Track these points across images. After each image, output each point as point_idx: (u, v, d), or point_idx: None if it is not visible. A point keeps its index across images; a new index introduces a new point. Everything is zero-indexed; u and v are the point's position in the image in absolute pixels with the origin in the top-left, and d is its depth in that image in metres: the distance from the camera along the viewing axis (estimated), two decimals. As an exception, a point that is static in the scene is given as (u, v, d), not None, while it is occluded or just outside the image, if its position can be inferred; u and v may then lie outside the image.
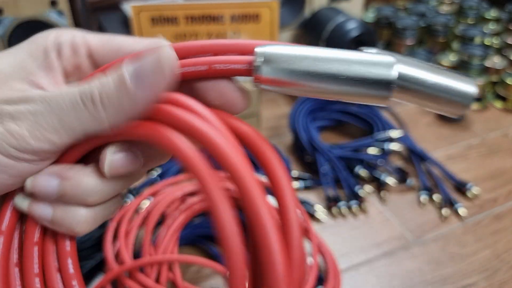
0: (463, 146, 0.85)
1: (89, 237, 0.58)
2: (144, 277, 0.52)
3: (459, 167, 0.79)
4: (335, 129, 0.89)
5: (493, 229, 0.67)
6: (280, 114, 0.95)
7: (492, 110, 0.97)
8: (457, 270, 0.60)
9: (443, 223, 0.68)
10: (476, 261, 0.62)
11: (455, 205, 0.69)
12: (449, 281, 0.59)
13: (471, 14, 1.24)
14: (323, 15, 0.94)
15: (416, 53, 1.13)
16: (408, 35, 1.16)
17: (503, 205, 0.71)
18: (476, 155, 0.83)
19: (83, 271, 0.56)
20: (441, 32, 1.16)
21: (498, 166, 0.80)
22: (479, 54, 0.99)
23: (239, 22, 0.77)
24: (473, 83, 0.21)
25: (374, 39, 0.89)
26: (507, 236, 0.65)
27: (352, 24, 0.87)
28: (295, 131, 0.79)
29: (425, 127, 0.91)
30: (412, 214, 0.69)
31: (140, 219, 0.59)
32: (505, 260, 0.62)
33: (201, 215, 0.64)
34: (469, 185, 0.73)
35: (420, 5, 1.30)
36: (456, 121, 0.92)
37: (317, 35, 0.92)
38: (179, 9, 0.74)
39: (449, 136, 0.88)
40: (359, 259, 0.62)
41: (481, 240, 0.65)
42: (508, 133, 0.89)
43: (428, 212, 0.70)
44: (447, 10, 1.27)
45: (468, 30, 1.12)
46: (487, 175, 0.77)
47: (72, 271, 0.24)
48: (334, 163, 0.74)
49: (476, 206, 0.71)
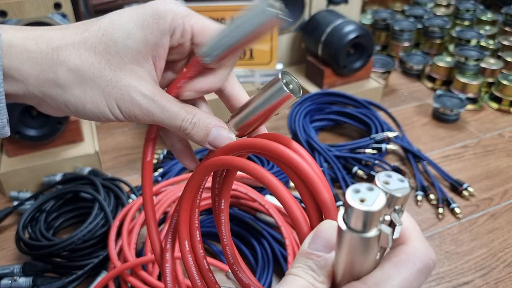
0: (459, 146, 0.86)
1: (93, 235, 0.59)
2: (146, 275, 0.53)
3: (455, 167, 0.80)
4: (333, 130, 0.91)
5: (489, 228, 0.68)
6: (279, 114, 0.96)
7: (487, 110, 0.98)
8: (454, 269, 0.61)
9: (439, 222, 0.69)
10: (472, 259, 0.63)
11: (451, 205, 0.70)
12: (446, 279, 0.60)
13: (467, 16, 1.25)
14: (321, 18, 0.95)
15: (413, 55, 1.14)
16: (405, 37, 1.17)
17: (499, 205, 0.72)
18: (472, 155, 0.84)
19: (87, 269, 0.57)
20: (437, 34, 1.17)
21: (494, 166, 0.81)
22: (475, 55, 1.00)
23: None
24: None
25: (371, 41, 0.90)
26: (503, 235, 0.66)
27: (350, 26, 0.88)
28: (293, 132, 0.81)
29: (422, 127, 0.92)
30: (409, 213, 0.70)
31: (142, 218, 0.60)
32: (501, 259, 0.63)
33: (202, 214, 0.65)
34: (465, 184, 0.74)
35: (416, 8, 1.32)
36: (452, 121, 0.93)
37: (316, 38, 0.93)
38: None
39: (445, 136, 0.89)
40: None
41: (477, 239, 0.66)
42: (503, 134, 0.90)
43: (425, 211, 0.71)
44: (443, 13, 1.29)
45: (464, 32, 1.13)
46: (483, 175, 0.79)
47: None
48: (332, 163, 0.75)
49: (472, 205, 0.72)
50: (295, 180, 0.28)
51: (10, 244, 0.65)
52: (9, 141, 0.71)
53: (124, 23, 0.30)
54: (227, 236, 0.35)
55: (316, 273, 0.24)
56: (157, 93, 0.31)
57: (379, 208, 0.20)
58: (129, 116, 0.31)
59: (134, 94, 0.30)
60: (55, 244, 0.56)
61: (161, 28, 0.30)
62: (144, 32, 0.30)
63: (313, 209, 0.27)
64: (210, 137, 0.32)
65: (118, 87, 0.30)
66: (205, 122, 0.32)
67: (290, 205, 0.27)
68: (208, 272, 0.35)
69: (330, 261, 0.24)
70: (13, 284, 0.55)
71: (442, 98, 0.95)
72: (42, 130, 0.70)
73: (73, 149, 0.74)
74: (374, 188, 0.21)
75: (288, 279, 0.24)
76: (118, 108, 0.31)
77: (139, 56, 0.30)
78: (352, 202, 0.20)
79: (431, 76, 1.08)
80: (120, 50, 0.30)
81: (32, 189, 0.73)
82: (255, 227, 0.61)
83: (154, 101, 0.31)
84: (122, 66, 0.30)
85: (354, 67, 0.92)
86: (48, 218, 0.64)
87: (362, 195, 0.21)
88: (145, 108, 0.30)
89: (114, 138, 0.87)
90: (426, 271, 0.24)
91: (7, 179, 0.71)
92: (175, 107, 0.31)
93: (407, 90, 1.06)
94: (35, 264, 0.57)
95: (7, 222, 0.69)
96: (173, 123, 0.31)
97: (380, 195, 0.21)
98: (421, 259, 0.24)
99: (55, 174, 0.72)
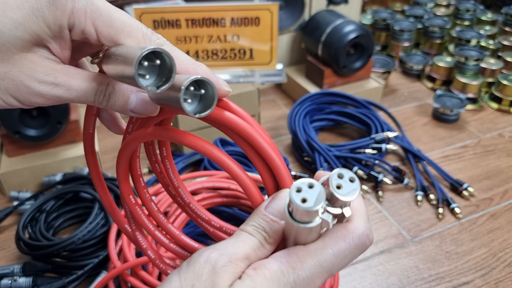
0: (459, 146, 0.86)
1: (93, 235, 0.59)
2: (146, 275, 0.53)
3: (455, 167, 0.80)
4: (333, 130, 0.91)
5: (489, 228, 0.68)
6: (279, 115, 0.96)
7: (487, 110, 0.98)
8: (454, 269, 0.61)
9: (439, 222, 0.69)
10: (472, 259, 0.63)
11: (451, 205, 0.70)
12: (446, 279, 0.60)
13: (467, 16, 1.25)
14: (321, 18, 0.95)
15: (413, 55, 1.14)
16: (405, 37, 1.17)
17: (499, 205, 0.72)
18: (472, 155, 0.84)
19: (87, 269, 0.57)
20: (437, 34, 1.17)
21: (494, 166, 0.81)
22: (475, 55, 1.00)
23: (239, 25, 0.78)
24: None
25: (371, 41, 0.90)
26: (503, 235, 0.66)
27: (350, 26, 0.88)
28: (294, 132, 0.81)
29: (422, 127, 0.92)
30: (408, 213, 0.70)
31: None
32: (501, 259, 0.63)
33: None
34: (465, 184, 0.74)
35: (416, 8, 1.32)
36: (452, 121, 0.93)
37: (316, 38, 0.93)
38: (181, 12, 0.75)
39: (445, 136, 0.89)
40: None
41: (477, 239, 0.66)
42: (503, 134, 0.90)
43: (425, 211, 0.71)
44: (443, 13, 1.29)
45: (464, 32, 1.13)
46: (483, 175, 0.79)
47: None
48: (332, 163, 0.75)
49: (472, 205, 0.72)
50: (244, 146, 0.29)
51: (10, 244, 0.65)
52: (9, 141, 0.71)
53: (12, 8, 0.26)
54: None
55: (268, 234, 0.28)
56: (58, 74, 0.28)
57: (319, 207, 0.24)
58: (31, 104, 0.29)
59: (29, 83, 0.27)
60: (55, 244, 0.56)
61: (58, 22, 0.27)
62: (38, 23, 0.27)
63: (268, 175, 0.29)
64: (131, 104, 0.29)
65: (9, 78, 0.27)
66: (121, 89, 0.29)
67: (235, 171, 0.28)
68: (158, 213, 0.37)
69: (282, 228, 0.28)
70: (13, 284, 0.55)
71: (442, 98, 0.95)
72: (42, 130, 0.70)
73: (73, 149, 0.74)
74: (315, 185, 0.25)
75: (243, 237, 0.27)
76: (15, 98, 0.28)
77: (31, 45, 0.27)
78: (294, 202, 0.24)
79: (431, 76, 1.08)
80: (6, 41, 0.26)
81: (32, 189, 0.73)
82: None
83: (56, 84, 0.28)
84: (10, 56, 0.27)
85: (354, 67, 0.92)
86: (48, 218, 0.64)
87: (304, 194, 0.24)
88: (48, 94, 0.28)
89: (114, 138, 0.87)
90: (361, 247, 0.28)
91: (7, 179, 0.71)
92: (84, 82, 0.28)
93: (407, 90, 1.06)
94: (35, 264, 0.57)
95: (7, 222, 0.69)
96: (85, 100, 0.29)
97: (320, 193, 0.24)
98: (359, 236, 0.27)
99: (55, 174, 0.72)
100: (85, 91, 0.28)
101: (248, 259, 0.27)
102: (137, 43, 0.28)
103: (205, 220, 0.36)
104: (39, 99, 0.28)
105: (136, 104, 0.28)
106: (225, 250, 0.26)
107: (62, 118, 0.70)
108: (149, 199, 0.36)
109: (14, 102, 0.28)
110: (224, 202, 0.63)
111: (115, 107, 0.29)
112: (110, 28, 0.28)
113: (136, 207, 0.36)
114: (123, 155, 0.33)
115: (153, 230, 0.36)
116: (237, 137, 0.29)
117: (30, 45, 0.27)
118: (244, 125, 0.28)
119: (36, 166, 0.72)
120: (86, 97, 0.28)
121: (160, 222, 0.37)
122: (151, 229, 0.36)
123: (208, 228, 0.36)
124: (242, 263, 0.26)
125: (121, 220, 0.38)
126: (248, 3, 0.78)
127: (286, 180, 0.29)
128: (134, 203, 0.36)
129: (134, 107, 0.29)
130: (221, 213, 0.64)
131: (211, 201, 0.62)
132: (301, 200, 0.24)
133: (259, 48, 0.82)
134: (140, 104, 0.28)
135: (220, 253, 0.26)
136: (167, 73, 0.25)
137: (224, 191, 0.63)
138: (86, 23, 0.27)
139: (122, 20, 0.28)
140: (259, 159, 0.29)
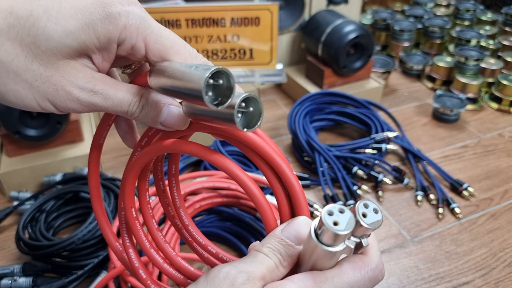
0: (459, 146, 0.86)
1: (93, 235, 0.59)
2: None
3: (455, 167, 0.80)
4: (333, 130, 0.91)
5: (489, 228, 0.68)
6: (279, 115, 0.96)
7: (487, 110, 0.98)
8: (454, 269, 0.61)
9: (439, 222, 0.69)
10: (472, 259, 0.63)
11: (451, 205, 0.70)
12: (446, 279, 0.60)
13: (467, 16, 1.25)
14: (321, 18, 0.95)
15: (413, 55, 1.14)
16: (405, 37, 1.17)
17: (499, 205, 0.72)
18: (472, 155, 0.84)
19: (87, 269, 0.57)
20: (437, 34, 1.17)
21: (494, 166, 0.81)
22: (475, 55, 1.00)
23: (239, 25, 0.78)
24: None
25: (371, 41, 0.90)
26: (503, 235, 0.66)
27: (350, 26, 0.88)
28: (294, 132, 0.81)
29: (422, 127, 0.92)
30: (408, 213, 0.70)
31: (142, 218, 0.60)
32: (501, 259, 0.63)
33: (202, 214, 0.65)
34: (465, 184, 0.74)
35: (416, 8, 1.32)
36: (452, 121, 0.93)
37: (316, 38, 0.93)
38: (181, 12, 0.75)
39: (445, 136, 0.89)
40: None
41: (477, 239, 0.66)
42: (503, 134, 0.90)
43: (425, 211, 0.71)
44: (443, 13, 1.29)
45: (464, 32, 1.13)
46: (483, 175, 0.79)
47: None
48: (332, 163, 0.75)
49: (472, 205, 0.72)
50: (264, 169, 0.29)
51: (10, 244, 0.65)
52: (9, 141, 0.71)
53: (64, 16, 0.27)
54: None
55: (283, 258, 0.28)
56: (97, 82, 0.29)
57: (348, 232, 0.25)
58: (66, 110, 0.29)
59: (70, 89, 0.28)
60: (55, 244, 0.57)
61: (109, 35, 0.28)
62: (89, 34, 0.27)
63: (284, 200, 0.30)
64: (162, 117, 0.30)
65: (50, 82, 0.28)
66: (154, 102, 0.30)
67: (249, 186, 0.29)
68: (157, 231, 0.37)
69: (297, 252, 0.28)
70: (13, 284, 0.55)
71: (442, 98, 0.95)
72: (42, 130, 0.70)
73: (73, 149, 0.74)
74: (345, 211, 0.25)
75: (259, 257, 0.28)
76: (51, 103, 0.28)
77: (76, 53, 0.28)
78: (327, 224, 0.25)
79: (431, 76, 1.08)
80: (54, 46, 0.27)
81: (32, 189, 0.73)
82: (255, 227, 0.61)
83: (95, 92, 0.28)
84: (54, 61, 0.27)
85: (354, 67, 0.92)
86: (48, 218, 0.64)
87: (335, 218, 0.25)
88: (86, 101, 0.28)
89: (114, 138, 0.86)
90: (374, 280, 0.29)
91: (7, 179, 0.71)
92: (120, 92, 0.29)
93: (407, 90, 1.06)
94: (35, 264, 0.57)
95: (7, 222, 0.69)
96: (119, 110, 0.29)
97: (351, 218, 0.25)
98: (373, 269, 0.29)
99: (55, 174, 0.72)
100: (120, 101, 0.29)
101: (264, 280, 0.27)
102: (184, 61, 0.29)
103: (201, 245, 0.36)
104: (76, 105, 0.29)
105: (167, 117, 0.30)
106: (244, 268, 0.27)
107: (62, 118, 0.70)
108: (150, 215, 0.36)
109: (49, 106, 0.29)
110: (224, 202, 0.63)
111: (145, 118, 0.30)
112: (160, 45, 0.29)
113: (135, 222, 0.35)
114: (136, 166, 0.33)
115: (149, 248, 0.36)
116: (257, 158, 0.29)
117: (76, 53, 0.28)
118: (269, 150, 0.29)
119: (36, 166, 0.72)
120: (121, 106, 0.29)
121: (158, 241, 0.37)
122: (147, 247, 0.36)
123: (202, 253, 0.36)
124: (259, 283, 0.27)
125: (112, 239, 0.38)
126: (248, 3, 0.78)
127: (303, 207, 0.29)
128: (135, 217, 0.35)
129: (165, 120, 0.30)
130: (221, 213, 0.64)
131: (211, 201, 0.62)
132: (333, 223, 0.25)
133: (259, 48, 0.82)
134: (172, 117, 0.30)
135: (239, 270, 0.27)
136: (225, 91, 0.26)
137: (224, 191, 0.63)
138: (138, 39, 0.28)
139: (172, 39, 0.29)
140: (278, 183, 0.29)
